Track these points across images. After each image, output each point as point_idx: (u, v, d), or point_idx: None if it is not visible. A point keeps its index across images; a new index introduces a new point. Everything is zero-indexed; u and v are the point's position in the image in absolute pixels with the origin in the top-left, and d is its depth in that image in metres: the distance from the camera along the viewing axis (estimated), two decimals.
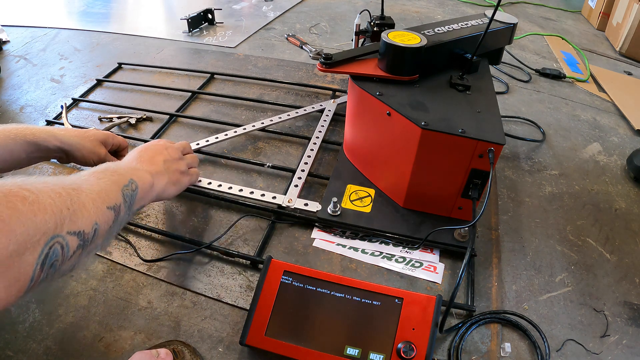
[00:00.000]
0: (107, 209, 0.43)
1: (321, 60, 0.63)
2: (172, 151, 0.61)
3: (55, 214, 0.36)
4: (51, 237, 0.35)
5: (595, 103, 1.02)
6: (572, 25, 1.50)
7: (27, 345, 0.52)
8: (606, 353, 0.53)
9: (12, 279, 0.32)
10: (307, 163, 0.75)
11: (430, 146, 0.57)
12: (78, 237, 0.38)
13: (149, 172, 0.54)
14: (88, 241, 0.39)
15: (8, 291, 0.32)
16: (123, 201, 0.46)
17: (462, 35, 0.67)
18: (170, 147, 0.62)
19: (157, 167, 0.57)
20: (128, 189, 0.48)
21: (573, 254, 0.65)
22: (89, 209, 0.40)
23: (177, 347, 0.50)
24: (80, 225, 0.38)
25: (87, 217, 0.39)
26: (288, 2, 1.55)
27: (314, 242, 0.65)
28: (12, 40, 1.28)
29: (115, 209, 0.44)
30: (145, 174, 0.53)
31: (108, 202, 0.43)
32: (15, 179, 0.35)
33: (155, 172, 0.55)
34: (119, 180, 0.47)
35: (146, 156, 0.57)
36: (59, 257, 0.36)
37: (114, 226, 0.44)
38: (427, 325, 0.49)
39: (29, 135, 0.61)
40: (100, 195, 0.42)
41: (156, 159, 0.58)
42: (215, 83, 1.06)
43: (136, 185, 0.49)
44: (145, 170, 0.54)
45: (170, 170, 0.58)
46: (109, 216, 0.43)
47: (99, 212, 0.41)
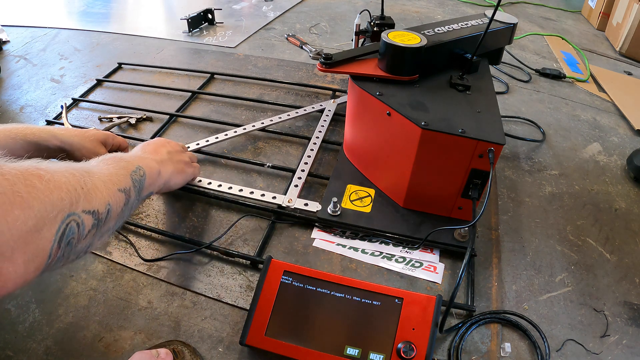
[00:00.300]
0: (118, 191, 0.44)
1: (321, 60, 0.63)
2: (173, 144, 0.64)
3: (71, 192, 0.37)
4: (67, 214, 0.36)
5: (595, 103, 1.02)
6: (572, 25, 1.50)
7: (27, 345, 0.52)
8: (606, 353, 0.53)
9: (31, 254, 0.33)
10: (307, 163, 0.75)
11: (430, 146, 0.57)
12: (93, 216, 0.39)
13: (154, 160, 0.56)
14: (102, 221, 0.41)
15: (27, 266, 0.32)
16: (132, 185, 0.47)
17: (462, 35, 0.67)
18: (171, 141, 0.65)
19: (161, 156, 0.59)
20: (136, 174, 0.49)
21: (573, 254, 0.65)
22: (101, 190, 0.41)
23: (177, 347, 0.50)
24: (94, 204, 0.39)
25: (100, 197, 0.41)
26: (288, 2, 1.55)
27: (314, 242, 0.65)
28: (12, 40, 1.28)
29: (126, 192, 0.45)
30: (152, 161, 0.55)
31: (119, 184, 0.45)
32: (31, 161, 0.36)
33: (161, 161, 0.58)
34: (127, 166, 0.49)
35: (149, 148, 0.60)
36: (75, 235, 0.37)
37: (125, 209, 0.45)
38: (427, 325, 0.49)
39: (29, 135, 0.61)
40: (111, 178, 0.44)
41: (160, 150, 0.60)
42: (215, 83, 1.06)
43: (144, 171, 0.51)
44: (151, 158, 0.56)
45: (175, 160, 0.61)
46: (121, 198, 0.44)
47: (111, 193, 0.43)
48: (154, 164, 0.55)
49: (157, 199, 0.72)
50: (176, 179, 0.62)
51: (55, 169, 0.37)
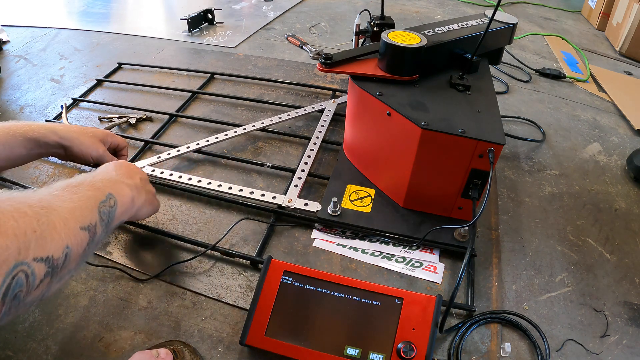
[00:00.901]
0: (80, 229, 0.39)
1: (321, 60, 0.63)
2: (143, 172, 0.58)
3: (19, 238, 0.32)
4: (14, 265, 0.31)
5: (595, 103, 1.02)
6: (572, 25, 1.50)
7: (27, 345, 0.52)
8: (606, 353, 0.53)
9: None
10: (307, 163, 0.75)
11: (430, 146, 0.57)
12: (46, 263, 0.34)
13: (128, 186, 0.50)
14: (58, 267, 0.35)
15: None
16: (99, 219, 0.42)
17: (462, 35, 0.67)
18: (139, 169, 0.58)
19: (135, 181, 0.53)
20: (105, 205, 0.44)
21: (573, 254, 0.65)
22: (59, 230, 0.36)
23: (177, 347, 0.50)
24: (48, 249, 0.34)
25: (57, 240, 0.35)
26: (288, 2, 1.55)
27: (314, 242, 0.65)
28: (12, 40, 1.28)
29: (90, 229, 0.40)
30: (125, 187, 0.50)
31: (82, 221, 0.39)
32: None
33: (135, 186, 0.52)
34: (95, 195, 0.43)
35: (123, 171, 0.53)
36: (23, 287, 0.32)
37: (88, 249, 0.40)
38: (427, 325, 0.49)
39: (29, 131, 0.61)
40: (73, 213, 0.38)
41: (133, 175, 0.54)
42: (215, 83, 1.06)
43: (115, 200, 0.46)
44: (124, 182, 0.50)
45: (146, 189, 0.56)
46: (83, 238, 0.39)
47: (71, 233, 0.37)
48: (127, 191, 0.49)
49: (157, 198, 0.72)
50: (146, 209, 0.56)
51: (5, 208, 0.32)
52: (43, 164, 0.80)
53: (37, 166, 0.79)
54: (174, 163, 0.79)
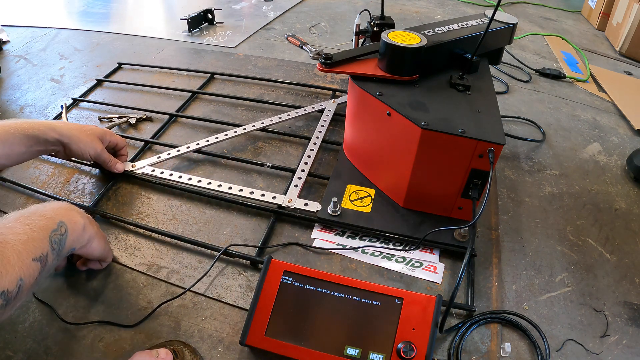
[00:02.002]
0: (32, 261, 0.40)
1: (321, 60, 0.63)
2: None
3: None
4: None
5: (595, 103, 1.02)
6: (572, 25, 1.50)
7: (27, 345, 0.52)
8: (606, 353, 0.53)
9: None
10: (307, 163, 0.75)
11: (430, 146, 0.57)
12: (1, 297, 0.36)
13: (79, 214, 0.51)
14: (12, 299, 0.37)
15: None
16: (50, 249, 0.43)
17: (462, 35, 0.67)
18: None
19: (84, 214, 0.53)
20: (57, 234, 0.45)
21: (573, 254, 0.65)
22: (13, 265, 0.37)
23: (177, 347, 0.50)
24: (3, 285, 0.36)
25: (11, 274, 0.37)
26: (288, 2, 1.55)
27: (314, 242, 0.65)
28: (12, 40, 1.28)
29: (41, 260, 0.41)
30: (76, 214, 0.50)
31: (34, 253, 0.41)
32: None
33: (86, 216, 0.53)
34: (47, 225, 0.44)
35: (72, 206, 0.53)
36: None
37: (40, 277, 0.42)
38: (427, 325, 0.49)
39: (28, 129, 0.61)
40: (26, 246, 0.40)
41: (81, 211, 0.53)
42: (215, 83, 1.06)
43: (65, 228, 0.47)
44: (76, 211, 0.51)
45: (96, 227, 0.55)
46: (35, 268, 0.40)
47: (24, 266, 0.39)
48: (78, 218, 0.50)
49: (156, 198, 0.72)
50: (99, 242, 0.55)
51: None
52: (43, 163, 0.80)
53: (37, 166, 0.79)
54: (174, 163, 0.79)
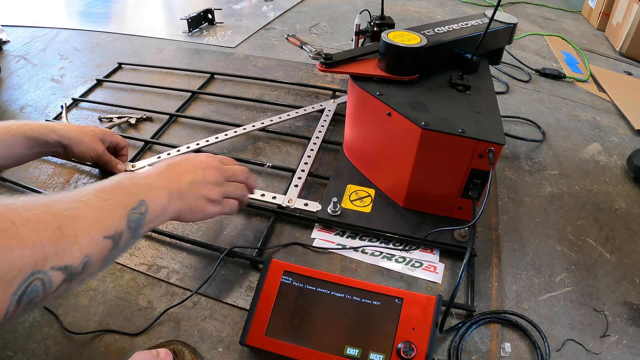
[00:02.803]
0: (103, 238, 0.39)
1: (321, 60, 0.63)
2: (209, 173, 0.53)
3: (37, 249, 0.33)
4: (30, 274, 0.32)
5: (595, 103, 1.02)
6: (572, 25, 1.50)
7: (27, 345, 0.52)
8: (606, 353, 0.53)
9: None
10: (307, 163, 0.75)
11: (430, 146, 0.57)
12: (64, 272, 0.35)
13: (167, 191, 0.48)
14: (76, 275, 0.36)
15: None
16: (127, 227, 0.42)
17: (462, 35, 0.67)
18: (210, 168, 0.54)
19: (179, 186, 0.50)
20: (136, 212, 0.43)
21: (573, 254, 0.65)
22: (80, 241, 0.37)
23: (177, 347, 0.50)
24: (67, 260, 0.35)
25: (76, 250, 0.36)
26: (288, 2, 1.55)
27: (314, 242, 0.65)
28: (12, 40, 1.28)
29: (114, 238, 0.40)
30: (162, 192, 0.47)
31: (107, 230, 0.39)
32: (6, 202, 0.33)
33: (175, 192, 0.49)
34: (126, 202, 0.43)
35: (174, 172, 0.51)
36: (38, 293, 0.33)
37: (110, 255, 0.40)
38: (427, 325, 0.49)
39: (29, 130, 0.61)
40: (99, 222, 0.39)
41: (184, 177, 0.51)
42: (215, 83, 1.06)
43: (146, 207, 0.44)
44: (163, 187, 0.48)
45: (195, 195, 0.51)
46: (105, 246, 0.39)
47: (93, 243, 0.38)
48: (162, 199, 0.47)
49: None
50: (186, 216, 0.51)
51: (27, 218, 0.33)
52: (43, 163, 0.80)
53: (37, 166, 0.79)
54: None
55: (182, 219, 0.51)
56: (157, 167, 0.51)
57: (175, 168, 0.51)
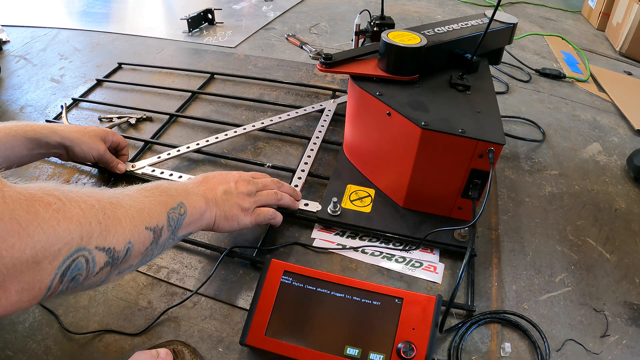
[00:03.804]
0: (145, 229, 0.40)
1: (321, 60, 0.63)
2: (241, 184, 0.56)
3: (83, 225, 0.34)
4: (76, 249, 0.33)
5: (595, 103, 1.02)
6: (572, 25, 1.50)
7: (27, 345, 0.52)
8: (606, 353, 0.53)
9: (27, 284, 0.30)
10: (307, 163, 0.75)
11: (430, 146, 0.57)
12: (107, 253, 0.36)
13: (203, 198, 0.50)
14: (118, 260, 0.37)
15: (20, 296, 0.30)
16: (167, 224, 0.43)
17: (462, 35, 0.67)
18: (241, 180, 0.57)
19: (214, 194, 0.53)
20: (175, 212, 0.45)
21: (573, 254, 0.65)
22: (123, 226, 0.38)
23: (177, 347, 0.50)
24: (110, 241, 0.36)
25: (120, 233, 0.37)
26: (288, 2, 1.55)
27: (314, 242, 0.65)
28: (12, 40, 1.28)
29: (155, 231, 0.41)
30: (199, 199, 0.50)
31: (149, 222, 0.41)
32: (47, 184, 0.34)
33: (211, 200, 0.52)
34: (166, 201, 0.45)
35: (209, 183, 0.54)
36: (82, 271, 0.34)
37: (152, 248, 0.41)
38: (427, 325, 0.49)
39: (30, 131, 0.61)
40: (140, 213, 0.40)
41: (218, 187, 0.54)
42: (215, 83, 1.06)
43: (185, 209, 0.46)
44: (199, 194, 0.50)
45: (229, 203, 0.54)
46: (147, 237, 0.40)
47: (136, 231, 0.39)
48: (200, 203, 0.49)
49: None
50: (222, 224, 0.53)
51: (72, 197, 0.34)
52: (43, 164, 0.80)
53: (37, 166, 0.79)
54: (174, 163, 0.79)
55: (218, 228, 0.54)
56: (192, 179, 0.54)
57: (210, 180, 0.54)
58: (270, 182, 0.62)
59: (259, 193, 0.59)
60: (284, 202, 0.63)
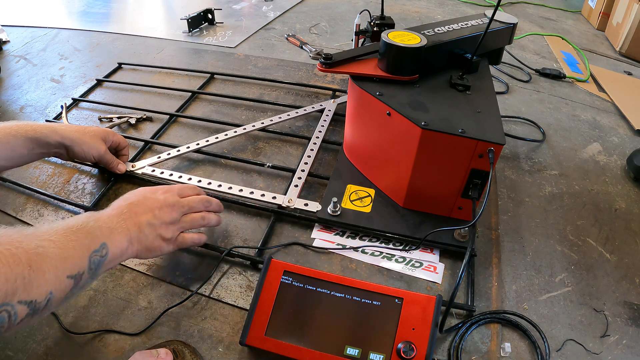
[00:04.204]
0: (67, 278, 0.41)
1: (321, 60, 0.63)
2: (165, 212, 0.54)
3: (8, 283, 0.35)
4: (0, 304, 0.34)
5: (595, 103, 1.02)
6: (572, 25, 1.50)
7: (27, 345, 0.52)
8: (606, 353, 0.53)
9: None
10: (307, 163, 0.75)
11: (430, 146, 0.57)
12: (29, 306, 0.37)
13: (126, 235, 0.50)
14: (39, 310, 0.39)
15: None
16: (88, 268, 0.44)
17: (462, 35, 0.67)
18: (166, 206, 0.55)
19: (137, 228, 0.51)
20: (97, 255, 0.45)
21: (573, 254, 0.65)
22: (47, 279, 0.39)
23: (177, 347, 0.50)
24: (33, 295, 0.37)
25: (43, 286, 0.38)
26: (288, 2, 1.55)
27: (314, 242, 0.65)
28: (12, 40, 1.28)
29: (76, 278, 0.43)
30: (122, 237, 0.49)
31: (71, 270, 0.42)
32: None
33: (135, 236, 0.51)
34: (90, 245, 0.45)
35: (132, 212, 0.52)
36: (4, 324, 0.35)
37: (70, 293, 0.43)
38: (427, 325, 0.49)
39: (30, 131, 0.61)
40: (65, 262, 0.41)
41: (141, 219, 0.52)
42: (215, 83, 1.06)
43: (107, 251, 0.47)
44: (123, 231, 0.50)
45: (152, 236, 0.53)
46: (68, 285, 0.42)
47: (58, 281, 0.40)
48: (122, 242, 0.49)
49: None
50: (145, 255, 0.53)
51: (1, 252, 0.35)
52: (43, 164, 0.80)
53: (37, 166, 0.79)
54: (174, 163, 0.80)
55: (140, 257, 0.54)
56: (119, 208, 0.52)
57: (133, 209, 0.52)
58: (197, 203, 0.59)
59: (184, 219, 0.56)
60: (210, 224, 0.61)
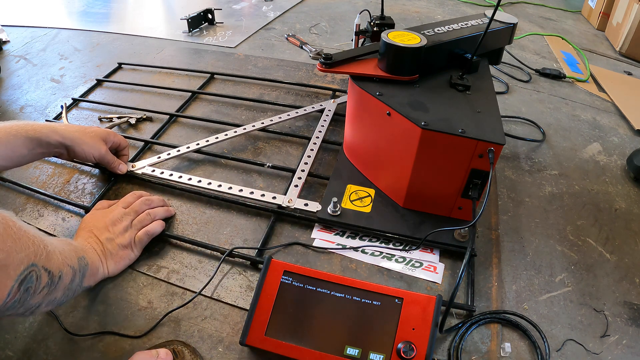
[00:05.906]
0: (68, 265, 0.46)
1: (321, 60, 0.63)
2: (117, 225, 0.60)
3: (37, 245, 0.40)
4: (31, 263, 0.39)
5: (595, 103, 1.02)
6: (572, 25, 1.50)
7: (27, 346, 0.52)
8: (606, 353, 0.53)
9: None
10: (307, 163, 0.75)
11: (430, 146, 0.57)
12: (48, 275, 0.42)
13: (96, 253, 0.55)
14: (54, 284, 0.43)
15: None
16: (78, 267, 0.49)
17: (462, 35, 0.67)
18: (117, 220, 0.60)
19: (101, 246, 0.57)
20: (82, 261, 0.50)
21: (573, 254, 0.65)
22: (57, 257, 0.44)
23: (177, 347, 0.50)
24: (51, 265, 0.42)
25: (56, 262, 0.43)
26: (288, 2, 1.55)
27: (314, 242, 0.65)
28: (12, 40, 1.28)
29: (73, 270, 0.47)
30: (94, 254, 0.55)
31: (70, 261, 0.47)
32: None
33: (101, 252, 0.56)
34: (76, 250, 0.51)
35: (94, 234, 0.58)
36: (33, 285, 0.39)
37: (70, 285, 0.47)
38: (427, 325, 0.49)
39: (31, 131, 0.61)
40: (63, 254, 0.46)
41: (101, 237, 0.58)
42: (215, 83, 1.06)
43: (87, 262, 0.52)
44: (93, 250, 0.55)
45: (114, 249, 0.58)
46: (69, 272, 0.46)
47: (63, 265, 0.45)
48: (95, 258, 0.55)
49: None
50: (112, 269, 0.57)
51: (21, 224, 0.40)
52: (43, 164, 0.80)
53: (37, 166, 0.79)
54: (174, 163, 0.80)
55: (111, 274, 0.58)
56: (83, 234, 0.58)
57: (94, 232, 0.58)
58: (139, 205, 0.64)
59: (134, 223, 0.61)
60: (158, 216, 0.65)
